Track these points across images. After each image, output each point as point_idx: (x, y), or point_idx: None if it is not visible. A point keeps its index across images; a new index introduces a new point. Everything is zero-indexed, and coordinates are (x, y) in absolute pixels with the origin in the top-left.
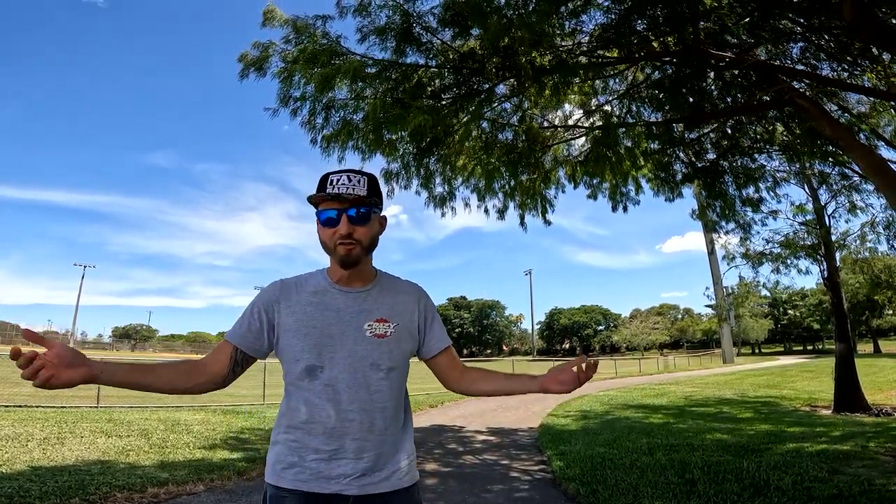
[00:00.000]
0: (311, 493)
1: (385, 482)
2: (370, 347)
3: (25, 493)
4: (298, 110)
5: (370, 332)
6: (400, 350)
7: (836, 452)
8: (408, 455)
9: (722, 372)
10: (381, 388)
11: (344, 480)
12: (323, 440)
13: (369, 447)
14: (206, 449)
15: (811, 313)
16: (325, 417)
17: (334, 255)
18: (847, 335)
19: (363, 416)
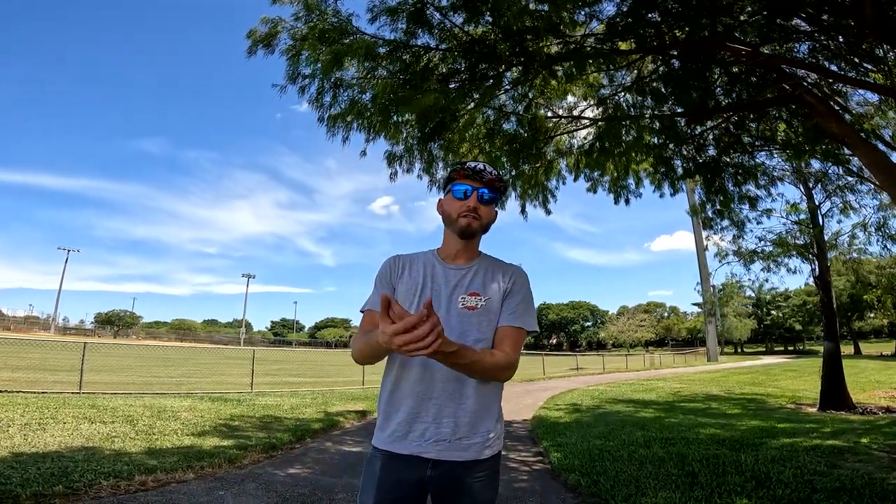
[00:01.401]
0: (394, 454)
1: (463, 451)
2: (460, 318)
3: (6, 480)
4: (306, 88)
5: (462, 304)
6: (489, 323)
7: (831, 448)
8: (489, 428)
9: (707, 370)
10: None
11: (424, 443)
12: (409, 403)
13: (449, 413)
14: (195, 436)
15: (794, 314)
16: (412, 382)
17: (454, 225)
18: (835, 334)
19: (447, 383)
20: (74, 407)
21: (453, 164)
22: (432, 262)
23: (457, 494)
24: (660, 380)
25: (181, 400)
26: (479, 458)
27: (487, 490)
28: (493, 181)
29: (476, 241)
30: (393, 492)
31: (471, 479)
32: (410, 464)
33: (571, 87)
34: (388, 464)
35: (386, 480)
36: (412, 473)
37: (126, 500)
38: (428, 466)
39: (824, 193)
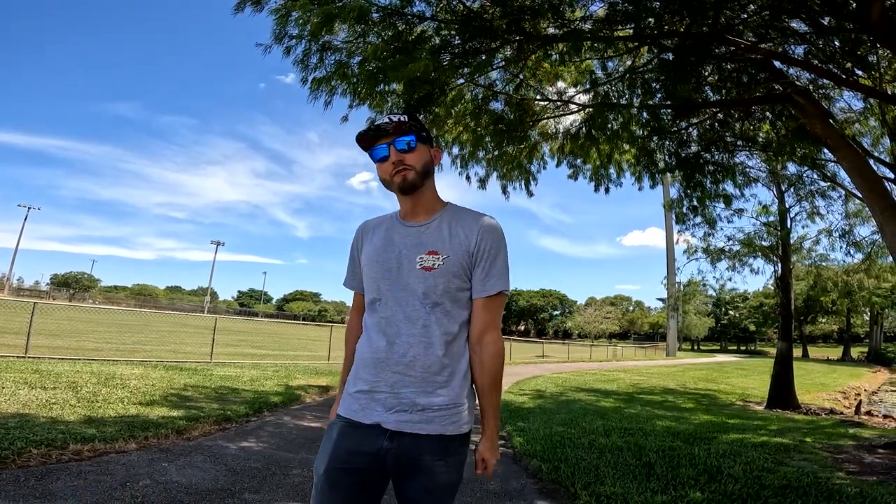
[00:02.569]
0: (353, 422)
1: (424, 423)
2: (417, 280)
3: None
4: (293, 49)
5: (420, 264)
6: (448, 285)
7: (777, 445)
8: (454, 402)
9: (665, 364)
10: (428, 323)
11: (385, 413)
12: (370, 371)
13: (408, 382)
14: (143, 405)
15: (750, 315)
16: (374, 349)
17: (394, 187)
18: (790, 335)
19: (406, 349)
20: (16, 371)
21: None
22: (392, 223)
23: (413, 472)
24: (621, 371)
25: (133, 367)
26: (443, 434)
27: (450, 472)
28: (401, 126)
29: (428, 193)
30: (347, 461)
31: (431, 457)
32: (369, 433)
33: (563, 71)
34: (347, 430)
35: (340, 447)
36: (370, 444)
37: (57, 469)
38: (385, 437)
39: (796, 197)
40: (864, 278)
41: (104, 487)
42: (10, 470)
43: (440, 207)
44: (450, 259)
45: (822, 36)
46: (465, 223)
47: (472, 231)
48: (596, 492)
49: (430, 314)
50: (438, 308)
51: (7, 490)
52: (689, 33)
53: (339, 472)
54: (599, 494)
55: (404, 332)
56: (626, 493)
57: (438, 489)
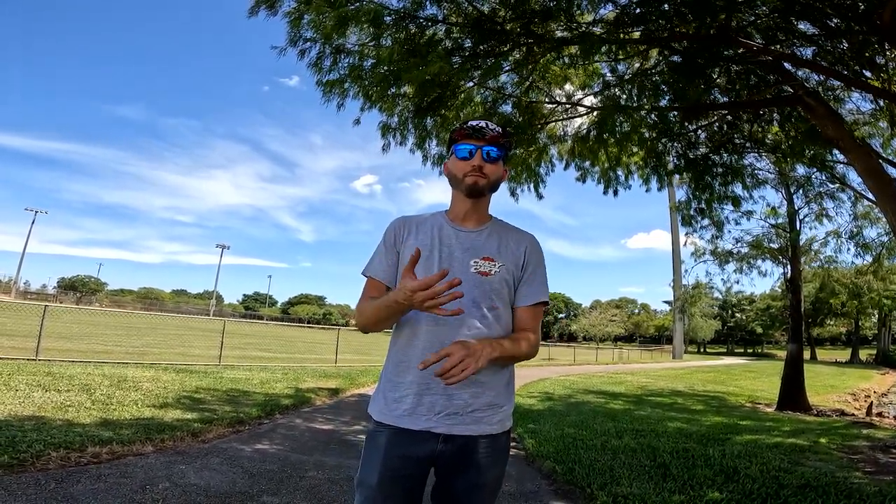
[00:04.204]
0: (402, 429)
1: (473, 425)
2: (473, 284)
3: None
4: (307, 52)
5: (475, 268)
6: (501, 291)
7: (792, 446)
8: (501, 403)
9: (672, 366)
10: (480, 326)
11: (434, 417)
12: (419, 373)
13: (461, 386)
14: (157, 408)
15: (757, 317)
16: (422, 350)
17: (461, 186)
18: (800, 337)
19: None
20: (29, 374)
21: (459, 125)
22: (441, 224)
23: (466, 468)
24: (628, 374)
25: (144, 370)
26: (492, 433)
27: (497, 465)
28: (496, 138)
29: (485, 202)
30: (401, 469)
31: (481, 453)
32: (420, 439)
33: (572, 74)
34: (396, 438)
35: (393, 455)
36: (422, 448)
37: (76, 472)
38: (438, 441)
39: (804, 199)
40: (873, 280)
41: (125, 490)
42: (29, 473)
43: (489, 219)
44: (504, 267)
45: (831, 38)
46: (514, 237)
47: (521, 245)
48: (613, 492)
49: (483, 317)
50: (491, 312)
51: (28, 493)
52: (698, 35)
53: (394, 481)
54: (616, 495)
55: (455, 334)
56: (643, 494)
57: (488, 483)
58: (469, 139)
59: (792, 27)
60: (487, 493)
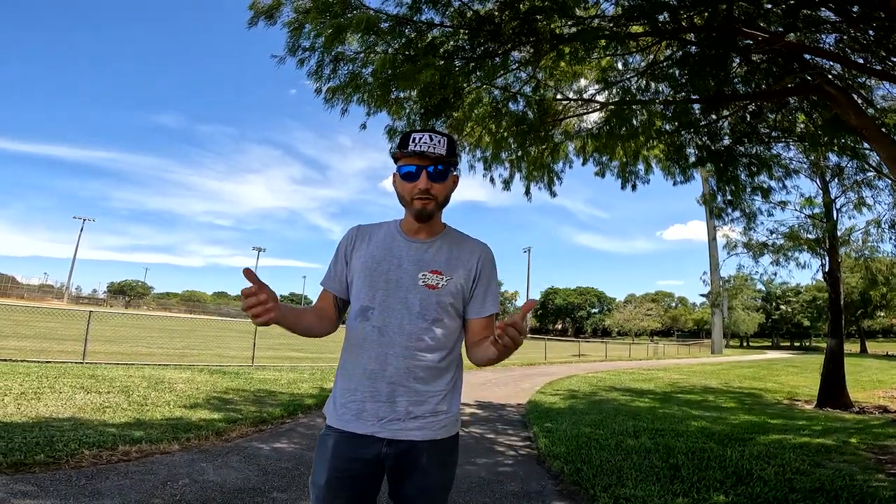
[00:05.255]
0: (349, 433)
1: (418, 430)
2: (420, 296)
3: None
4: (306, 60)
5: (423, 281)
6: (448, 304)
7: (818, 446)
8: (445, 409)
9: (709, 362)
10: (424, 337)
11: (378, 422)
12: (364, 381)
13: (404, 392)
14: (187, 408)
15: (803, 310)
16: (367, 359)
17: (410, 208)
18: (840, 331)
19: (403, 361)
20: (74, 377)
21: (401, 139)
22: (394, 235)
23: (411, 474)
24: (660, 370)
25: (181, 372)
26: (435, 439)
27: (443, 469)
28: (440, 158)
29: (437, 217)
30: (347, 469)
31: (426, 458)
32: (365, 442)
33: (582, 70)
34: (343, 441)
35: (339, 457)
36: (367, 451)
37: (107, 469)
38: (383, 445)
39: (840, 188)
40: None
41: (147, 487)
42: (63, 470)
43: (441, 229)
44: (452, 281)
45: (852, 25)
46: (466, 248)
47: (472, 257)
48: (615, 494)
49: (427, 328)
50: (436, 324)
51: (59, 490)
52: (709, 27)
53: (340, 481)
54: (618, 497)
55: (399, 343)
56: (646, 496)
57: (434, 488)
58: (412, 159)
59: (809, 14)
60: (436, 495)
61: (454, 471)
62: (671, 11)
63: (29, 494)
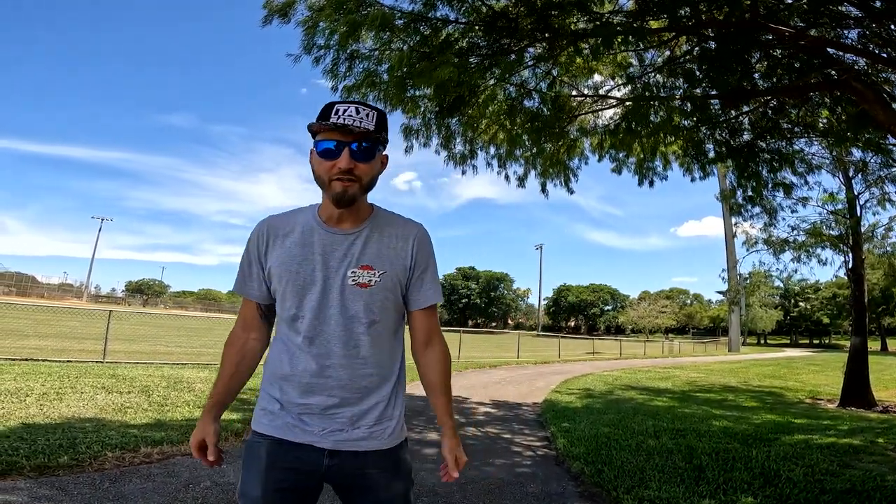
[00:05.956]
0: (284, 440)
1: (362, 441)
2: (352, 297)
3: (13, 452)
4: (322, 58)
5: (353, 280)
6: (385, 302)
7: (845, 446)
8: (390, 414)
9: (727, 360)
10: (362, 342)
11: (318, 433)
12: (299, 394)
13: (345, 403)
14: None
15: (823, 307)
16: (302, 370)
17: (328, 191)
18: (864, 329)
19: (341, 371)
20: (95, 376)
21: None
22: (312, 227)
23: (362, 488)
24: (677, 368)
25: (199, 371)
26: (381, 449)
27: (398, 479)
28: (366, 133)
29: (362, 201)
30: (284, 481)
31: (377, 472)
32: (303, 452)
33: (598, 66)
34: (277, 450)
35: (275, 467)
36: (306, 462)
37: (130, 472)
38: (325, 455)
39: (864, 184)
40: None
41: (170, 489)
42: (87, 473)
43: (367, 214)
44: (386, 275)
45: (875, 20)
46: (397, 232)
47: (406, 242)
48: (639, 496)
49: (365, 333)
50: (374, 326)
51: (83, 493)
52: (730, 22)
53: (277, 494)
54: (643, 499)
55: (336, 352)
56: (671, 498)
57: (391, 500)
58: (333, 133)
59: (832, 10)
60: None
61: (410, 480)
62: (692, 6)
63: (53, 499)
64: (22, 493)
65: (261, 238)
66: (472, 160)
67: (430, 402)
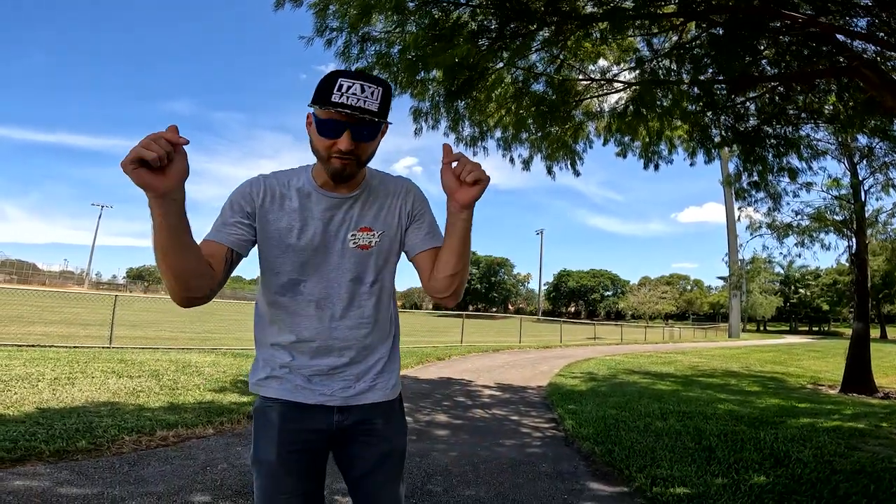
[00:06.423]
0: (295, 403)
1: (368, 393)
2: (354, 260)
3: (31, 437)
4: (333, 41)
5: (353, 242)
6: (385, 261)
7: (851, 430)
8: (391, 369)
9: (727, 346)
10: (365, 303)
11: (328, 392)
12: (308, 357)
13: (352, 362)
14: (216, 391)
15: (823, 293)
16: (310, 335)
17: (326, 166)
18: (867, 314)
19: (347, 332)
20: (104, 361)
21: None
22: (309, 191)
23: (369, 438)
24: (678, 353)
25: (205, 355)
26: (386, 400)
27: (400, 431)
28: (370, 114)
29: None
30: (296, 443)
31: (381, 421)
32: (314, 412)
33: (605, 51)
34: (289, 413)
35: (288, 430)
36: (318, 422)
37: (147, 455)
38: (333, 412)
39: (869, 169)
40: None
41: (188, 472)
42: (105, 457)
43: (363, 176)
44: (385, 234)
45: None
46: (391, 190)
47: (398, 197)
48: (652, 475)
49: (367, 293)
50: (374, 286)
51: (104, 477)
52: (739, 7)
53: (291, 455)
54: (655, 477)
55: (341, 314)
56: (683, 477)
57: (394, 454)
58: (336, 115)
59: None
60: (397, 460)
61: (406, 434)
62: None
63: (74, 483)
64: (43, 478)
65: (256, 193)
66: (483, 142)
67: (452, 244)
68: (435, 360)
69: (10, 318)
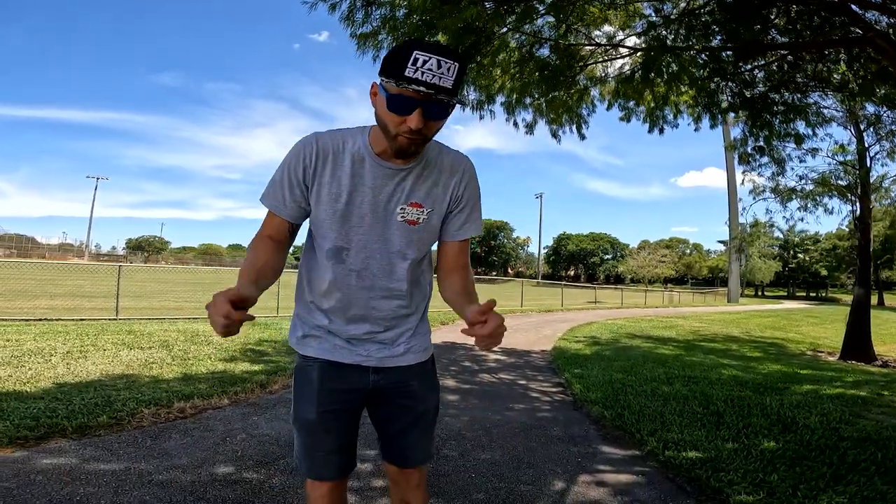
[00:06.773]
0: (333, 362)
1: (403, 356)
2: (399, 234)
3: (52, 413)
4: (338, 5)
5: (402, 216)
6: (430, 239)
7: (853, 397)
8: (424, 332)
9: (727, 310)
10: (405, 276)
11: (364, 353)
12: (345, 322)
13: (388, 327)
14: (227, 361)
15: (822, 258)
16: (348, 303)
17: (392, 142)
18: (868, 280)
19: (384, 303)
20: (113, 333)
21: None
22: (363, 157)
23: (404, 406)
24: (679, 318)
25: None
26: (420, 362)
27: (433, 391)
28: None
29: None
30: (336, 401)
31: (415, 381)
32: (352, 371)
33: (611, 16)
34: (328, 372)
35: (327, 389)
36: (356, 381)
37: (168, 428)
38: (370, 372)
39: (875, 137)
40: None
41: (208, 444)
42: (127, 431)
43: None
44: (433, 213)
45: None
46: (447, 165)
47: (454, 178)
48: (663, 438)
49: (407, 268)
50: (416, 261)
51: (128, 452)
52: None
53: (330, 414)
54: (667, 441)
55: (379, 286)
56: (695, 441)
57: (428, 413)
58: (410, 92)
59: None
60: (431, 418)
61: (439, 393)
62: None
63: (100, 459)
64: (69, 455)
65: (308, 157)
66: (490, 105)
67: (455, 308)
68: (439, 325)
69: (15, 292)
